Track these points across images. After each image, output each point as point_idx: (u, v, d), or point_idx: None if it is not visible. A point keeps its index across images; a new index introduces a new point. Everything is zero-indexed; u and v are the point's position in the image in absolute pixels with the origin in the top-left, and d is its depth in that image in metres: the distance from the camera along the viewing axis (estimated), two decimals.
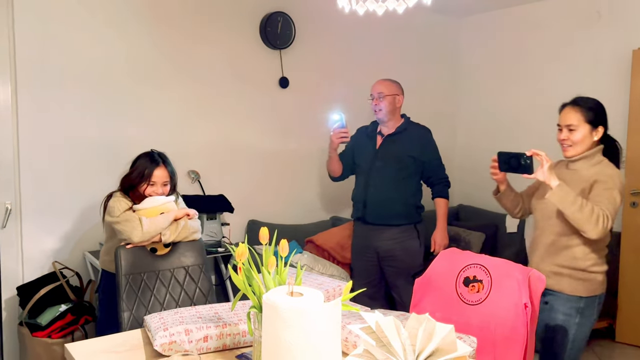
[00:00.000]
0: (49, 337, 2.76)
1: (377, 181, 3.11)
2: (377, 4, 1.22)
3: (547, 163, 2.06)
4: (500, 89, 4.60)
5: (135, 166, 2.43)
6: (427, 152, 3.13)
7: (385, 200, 3.08)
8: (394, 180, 3.07)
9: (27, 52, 2.94)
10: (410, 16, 4.27)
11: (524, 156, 2.12)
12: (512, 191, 2.42)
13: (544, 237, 2.23)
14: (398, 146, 3.10)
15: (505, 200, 2.43)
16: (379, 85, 3.13)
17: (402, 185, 3.09)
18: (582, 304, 2.14)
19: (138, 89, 3.30)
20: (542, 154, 2.08)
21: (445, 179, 3.20)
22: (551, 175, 2.05)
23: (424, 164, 3.12)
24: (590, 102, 2.17)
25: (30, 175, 2.99)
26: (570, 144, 2.16)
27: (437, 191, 3.18)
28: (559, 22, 4.14)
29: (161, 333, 1.55)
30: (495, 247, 4.22)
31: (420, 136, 3.15)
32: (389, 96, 3.08)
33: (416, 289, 1.93)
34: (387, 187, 3.08)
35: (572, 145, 2.16)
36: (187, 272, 2.32)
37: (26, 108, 2.96)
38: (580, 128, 2.14)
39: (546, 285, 2.15)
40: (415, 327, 1.15)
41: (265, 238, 1.42)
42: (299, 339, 1.15)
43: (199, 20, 3.49)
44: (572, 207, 1.99)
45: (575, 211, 1.99)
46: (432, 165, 3.14)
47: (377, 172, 3.11)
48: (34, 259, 3.04)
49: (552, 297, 2.18)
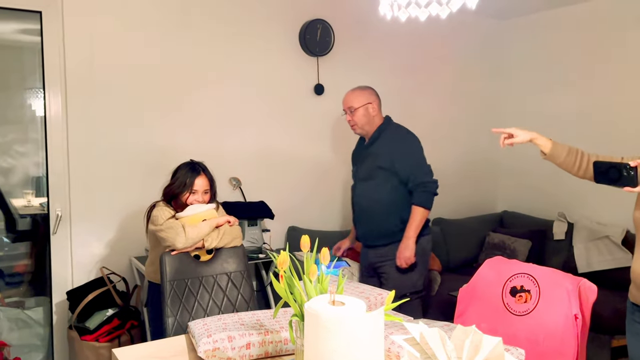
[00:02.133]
0: (96, 340, 2.84)
1: (358, 199, 2.96)
2: (420, 9, 1.20)
3: None
4: (546, 92, 4.47)
5: (176, 176, 2.49)
6: (399, 160, 2.82)
7: (367, 221, 2.92)
8: (371, 198, 2.87)
9: (76, 63, 3.04)
10: (452, 20, 4.22)
11: (628, 167, 1.86)
12: (563, 146, 2.09)
13: None
14: (370, 159, 2.91)
15: (558, 159, 2.08)
16: (347, 99, 2.94)
17: (381, 202, 2.86)
18: None
19: (180, 97, 3.37)
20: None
21: (424, 184, 2.82)
22: None
23: (398, 172, 2.82)
24: None
25: (80, 182, 3.10)
26: None
27: (413, 198, 2.82)
28: (606, 23, 3.99)
29: (205, 339, 1.56)
30: (542, 255, 4.09)
31: (390, 143, 2.88)
32: (360, 108, 2.88)
33: (460, 298, 1.89)
34: (367, 206, 2.91)
35: None
36: (230, 278, 2.35)
37: (75, 118, 3.06)
38: None
39: None
40: (462, 338, 1.12)
41: (306, 246, 1.42)
42: (340, 348, 1.14)
43: (240, 28, 3.54)
44: None
45: None
46: (408, 172, 2.82)
47: (357, 190, 2.98)
48: (83, 264, 3.14)
49: None
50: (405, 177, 2.82)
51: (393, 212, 2.84)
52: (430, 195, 2.83)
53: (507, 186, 4.84)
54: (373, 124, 2.92)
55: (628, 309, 2.05)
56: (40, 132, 3.10)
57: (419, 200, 2.80)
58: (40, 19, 2.95)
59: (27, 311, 3.11)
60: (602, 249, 3.71)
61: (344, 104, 2.96)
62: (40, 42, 2.97)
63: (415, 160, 2.85)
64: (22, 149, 3.22)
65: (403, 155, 2.83)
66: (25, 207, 3.32)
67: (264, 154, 3.70)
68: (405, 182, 2.83)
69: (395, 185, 2.84)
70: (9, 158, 3.18)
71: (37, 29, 2.97)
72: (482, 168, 4.83)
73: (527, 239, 4.10)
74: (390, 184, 2.84)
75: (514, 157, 4.76)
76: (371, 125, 2.92)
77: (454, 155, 4.64)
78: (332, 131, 3.99)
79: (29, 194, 3.34)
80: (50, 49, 2.98)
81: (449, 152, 4.61)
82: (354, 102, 2.90)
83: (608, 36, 4.00)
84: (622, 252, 3.61)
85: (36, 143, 3.18)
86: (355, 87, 2.99)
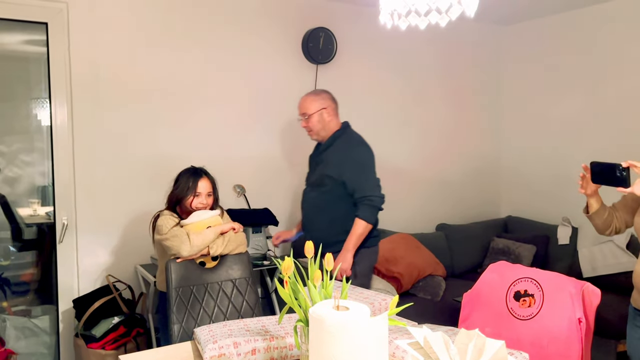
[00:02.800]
0: (102, 348, 2.85)
1: (305, 205, 2.92)
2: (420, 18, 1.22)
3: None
4: (547, 97, 4.48)
5: (178, 182, 2.53)
6: (347, 171, 2.74)
7: (310, 228, 2.87)
8: (317, 205, 2.82)
9: (82, 74, 3.08)
10: (453, 27, 4.24)
11: (620, 167, 1.91)
12: (606, 208, 2.14)
13: None
14: (321, 166, 2.84)
15: (598, 220, 2.14)
16: (302, 104, 2.86)
17: (325, 211, 2.80)
18: None
19: (184, 106, 3.40)
20: (639, 165, 1.90)
21: (369, 197, 2.72)
22: None
23: (345, 183, 2.75)
24: None
25: (85, 191, 3.12)
26: None
27: (357, 211, 2.73)
28: (606, 29, 4.01)
29: (210, 345, 1.58)
30: (547, 260, 4.09)
31: (340, 152, 2.79)
32: (315, 114, 2.80)
33: (464, 303, 1.89)
34: (312, 213, 2.86)
35: None
36: (235, 284, 2.36)
37: (81, 127, 3.09)
38: None
39: None
40: (465, 342, 1.13)
41: (310, 252, 1.43)
42: (345, 353, 1.15)
43: (243, 38, 3.57)
44: None
45: None
46: (355, 183, 2.73)
47: (305, 195, 2.93)
48: (89, 272, 3.16)
49: None
50: (351, 188, 2.74)
51: (336, 222, 2.77)
52: (375, 210, 2.75)
53: (511, 191, 4.84)
54: (328, 130, 2.84)
55: (630, 314, 2.06)
56: (46, 142, 3.13)
57: (362, 213, 2.71)
58: (47, 30, 2.99)
59: (34, 320, 3.13)
60: (606, 253, 3.70)
61: (299, 109, 2.88)
62: (46, 53, 3.00)
63: (364, 173, 2.76)
64: (28, 158, 3.25)
65: (352, 166, 2.75)
66: (32, 216, 3.35)
67: (267, 161, 3.72)
68: (351, 194, 2.75)
69: (342, 195, 2.77)
70: (15, 167, 3.21)
71: (43, 40, 3.01)
72: (485, 173, 4.84)
73: (531, 244, 4.10)
74: (336, 194, 2.77)
75: (518, 162, 4.77)
76: (326, 130, 2.84)
77: (457, 161, 4.66)
78: None
79: (35, 203, 3.36)
80: (56, 60, 3.01)
81: (453, 158, 4.63)
82: (308, 108, 2.83)
83: (608, 41, 4.01)
84: (626, 256, 3.60)
85: (42, 152, 3.20)
86: (310, 92, 2.91)
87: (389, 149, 4.26)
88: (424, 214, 4.46)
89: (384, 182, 4.51)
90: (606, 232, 2.18)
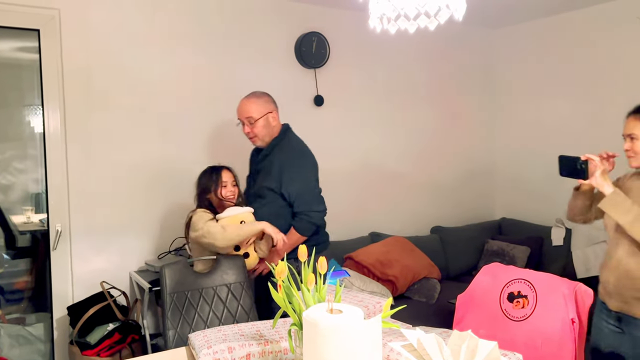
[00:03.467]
0: (98, 355, 2.84)
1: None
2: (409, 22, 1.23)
3: (600, 168, 1.96)
4: (539, 98, 4.51)
5: (201, 180, 2.60)
6: (285, 183, 2.57)
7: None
8: (260, 218, 2.55)
9: (74, 80, 3.07)
10: (446, 30, 4.27)
11: (579, 160, 2.04)
12: (592, 196, 2.18)
13: (618, 254, 2.00)
14: (261, 176, 2.67)
15: (580, 201, 2.19)
16: (245, 108, 2.63)
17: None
18: None
19: (178, 112, 3.39)
20: (595, 159, 1.99)
21: (305, 213, 2.58)
22: (604, 182, 1.94)
23: (285, 196, 2.60)
24: None
25: (79, 198, 3.11)
26: (633, 154, 2.01)
27: (295, 222, 2.60)
28: (597, 31, 4.04)
29: (205, 351, 1.57)
30: (541, 261, 4.10)
31: (279, 162, 2.60)
32: (261, 118, 2.61)
33: (459, 305, 1.90)
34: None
35: (635, 155, 2.00)
36: (230, 289, 2.36)
37: (74, 134, 3.08)
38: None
39: (622, 310, 1.98)
40: (458, 344, 1.13)
41: (304, 255, 1.44)
42: (339, 356, 1.15)
43: (236, 42, 3.58)
44: (626, 216, 1.86)
45: (630, 220, 1.85)
46: (294, 196, 2.58)
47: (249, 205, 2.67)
48: (83, 279, 3.14)
49: (633, 325, 1.96)
50: (290, 201, 2.60)
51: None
52: (312, 226, 2.61)
53: (504, 193, 4.86)
54: (272, 135, 2.67)
55: (597, 305, 2.10)
56: (39, 149, 3.12)
57: (299, 227, 2.59)
58: (39, 37, 2.99)
59: (28, 327, 3.12)
60: (599, 254, 3.72)
61: (240, 113, 2.66)
62: (38, 59, 3.00)
63: (305, 186, 2.60)
64: (21, 165, 3.24)
65: (291, 178, 2.57)
66: (25, 224, 3.34)
67: None
68: (291, 204, 2.61)
69: (283, 205, 2.62)
70: (9, 175, 3.20)
71: (35, 47, 3.01)
72: (479, 176, 4.86)
73: (525, 245, 4.12)
74: (277, 205, 2.62)
75: (511, 164, 4.79)
76: (271, 136, 2.67)
77: (451, 164, 4.68)
78: (334, 141, 4.01)
79: (29, 211, 3.35)
80: (49, 67, 3.01)
81: (447, 160, 4.64)
82: (253, 112, 2.61)
83: (599, 43, 4.04)
84: None
85: (35, 160, 3.20)
86: (251, 95, 2.70)
87: (383, 153, 4.28)
88: (418, 217, 4.47)
89: (378, 186, 4.54)
90: (577, 218, 2.25)
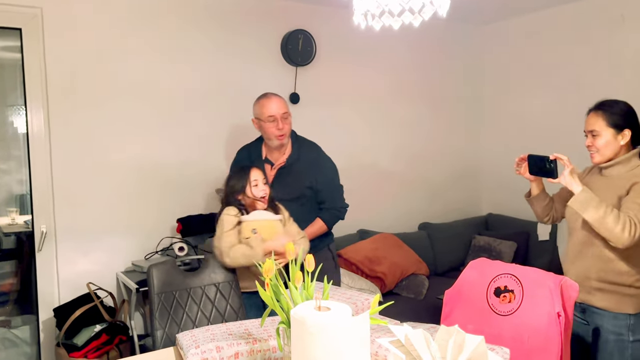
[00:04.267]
0: (85, 357, 2.81)
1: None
2: (393, 18, 1.23)
3: (569, 167, 2.00)
4: (525, 95, 4.54)
5: (229, 181, 2.46)
6: (320, 179, 2.64)
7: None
8: (300, 220, 2.52)
9: (58, 80, 3.04)
10: (431, 27, 4.28)
11: (548, 159, 2.07)
12: (546, 196, 2.29)
13: (579, 249, 2.09)
14: (295, 177, 2.63)
15: (537, 205, 2.30)
16: (282, 104, 2.60)
17: (309, 222, 2.62)
18: (632, 320, 1.99)
19: (163, 110, 3.37)
20: (564, 158, 2.03)
21: (337, 209, 2.68)
22: (573, 180, 1.97)
23: (319, 191, 2.65)
24: (615, 105, 2.06)
25: (64, 198, 3.08)
26: (595, 150, 2.07)
27: (323, 214, 2.67)
28: (582, 26, 4.08)
29: (193, 350, 1.57)
30: (527, 256, 4.14)
31: (312, 160, 2.67)
32: (290, 116, 2.63)
33: (446, 301, 1.91)
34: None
35: (598, 151, 2.06)
36: (218, 288, 2.35)
37: (58, 134, 3.05)
38: (603, 133, 2.04)
39: (585, 301, 2.06)
40: (445, 339, 1.14)
41: (291, 253, 1.43)
42: (327, 353, 1.15)
43: (223, 40, 3.56)
44: (595, 213, 1.90)
45: (598, 218, 1.89)
46: (326, 192, 2.66)
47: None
48: (69, 280, 3.11)
49: (596, 315, 2.05)
50: (322, 197, 2.66)
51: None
52: (338, 220, 2.72)
53: (490, 189, 4.89)
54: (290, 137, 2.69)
55: None
56: (23, 149, 3.08)
57: (328, 220, 2.67)
58: (21, 36, 2.95)
59: (14, 330, 3.08)
60: None
61: (276, 109, 2.58)
62: (20, 59, 2.96)
63: (335, 182, 2.73)
64: (4, 166, 3.20)
65: (326, 174, 2.67)
66: (10, 226, 3.30)
67: None
68: (321, 201, 2.67)
69: (314, 201, 2.68)
70: None
71: (17, 46, 2.97)
72: (465, 172, 4.89)
73: (512, 240, 4.15)
74: (313, 202, 2.67)
75: (497, 161, 4.82)
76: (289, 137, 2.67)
77: (438, 161, 4.70)
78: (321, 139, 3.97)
79: (13, 212, 3.31)
80: (31, 66, 2.97)
81: (433, 157, 4.66)
82: (287, 109, 2.62)
83: (585, 40, 4.08)
84: None
85: (19, 160, 3.16)
86: (273, 93, 2.67)
87: (370, 150, 4.28)
88: (406, 214, 4.49)
89: (366, 183, 4.54)
90: (545, 219, 2.33)
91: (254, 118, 2.67)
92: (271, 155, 2.69)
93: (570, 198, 2.10)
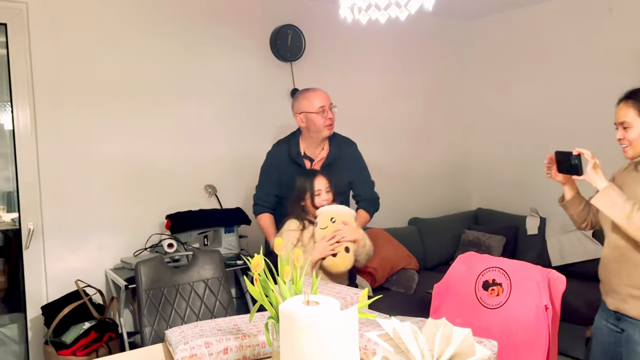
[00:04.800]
0: (74, 354, 2.80)
1: None
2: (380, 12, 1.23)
3: (591, 162, 1.84)
4: (512, 90, 4.56)
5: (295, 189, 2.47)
6: (357, 172, 2.74)
7: None
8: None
9: (44, 75, 3.01)
10: (417, 22, 4.28)
11: (571, 155, 1.90)
12: (581, 200, 2.08)
13: (612, 253, 1.94)
14: (337, 173, 2.62)
15: (572, 210, 2.09)
16: (327, 95, 2.65)
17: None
18: None
19: (152, 106, 3.35)
20: (586, 153, 1.87)
21: (376, 200, 2.78)
22: (596, 177, 1.82)
23: (356, 184, 2.75)
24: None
25: (51, 195, 3.05)
26: (627, 143, 1.88)
27: (367, 205, 2.76)
28: (569, 20, 4.10)
29: (182, 347, 1.56)
30: (516, 250, 4.17)
31: (351, 155, 2.74)
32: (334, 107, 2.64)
33: (435, 294, 1.91)
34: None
35: (630, 144, 1.87)
36: (207, 285, 2.34)
37: (44, 130, 3.02)
38: (635, 124, 1.84)
39: (619, 310, 1.95)
40: (433, 332, 1.14)
41: (280, 248, 1.43)
42: (316, 347, 1.15)
43: (211, 36, 3.54)
44: (621, 212, 1.76)
45: (624, 217, 1.75)
46: (363, 185, 2.75)
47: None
48: (57, 278, 3.09)
49: (628, 324, 1.91)
50: (359, 189, 2.76)
51: None
52: (375, 212, 2.81)
53: (480, 184, 4.92)
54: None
55: (601, 306, 2.10)
56: (9, 146, 3.05)
57: (371, 210, 2.77)
58: (6, 31, 2.91)
59: (2, 328, 3.06)
60: (574, 242, 3.79)
61: (325, 100, 2.64)
62: (6, 54, 2.92)
63: (369, 174, 2.81)
64: None
65: (361, 167, 2.76)
66: None
67: (239, 161, 3.69)
68: (357, 194, 2.77)
69: (349, 197, 2.75)
70: None
71: (2, 42, 2.93)
72: (455, 167, 4.91)
73: (501, 235, 4.18)
74: (348, 195, 2.74)
75: (486, 156, 4.85)
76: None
77: (427, 156, 4.71)
78: None
79: (0, 210, 3.28)
80: (17, 62, 2.93)
81: (422, 152, 4.68)
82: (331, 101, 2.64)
83: (571, 36, 4.10)
84: (593, 244, 3.69)
85: (5, 157, 3.12)
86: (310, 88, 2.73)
87: (360, 145, 4.27)
88: (396, 209, 4.49)
89: None
90: (582, 226, 2.13)
91: (298, 113, 2.64)
92: (309, 151, 2.68)
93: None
